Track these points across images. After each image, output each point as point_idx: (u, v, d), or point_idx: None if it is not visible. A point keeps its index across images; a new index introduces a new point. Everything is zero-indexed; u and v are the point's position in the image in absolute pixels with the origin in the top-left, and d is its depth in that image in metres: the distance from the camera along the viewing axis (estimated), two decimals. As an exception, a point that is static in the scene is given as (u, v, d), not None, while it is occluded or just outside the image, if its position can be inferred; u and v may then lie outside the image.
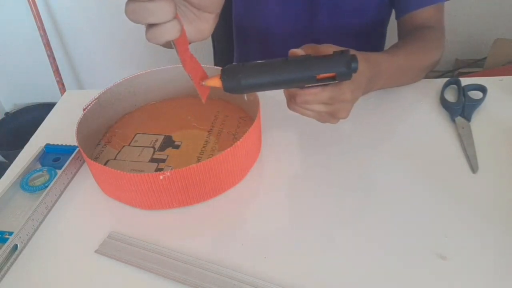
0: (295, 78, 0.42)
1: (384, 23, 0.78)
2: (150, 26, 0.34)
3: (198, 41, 0.52)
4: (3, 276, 0.43)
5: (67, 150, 0.56)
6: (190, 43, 0.43)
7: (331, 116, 0.47)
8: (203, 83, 0.44)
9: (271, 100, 0.64)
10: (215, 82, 0.44)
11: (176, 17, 0.34)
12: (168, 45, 0.40)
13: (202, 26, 0.48)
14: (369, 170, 0.51)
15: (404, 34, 0.68)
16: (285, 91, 0.48)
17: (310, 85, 0.43)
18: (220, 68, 0.55)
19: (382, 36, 0.81)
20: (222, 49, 0.96)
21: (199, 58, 0.48)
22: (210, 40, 0.95)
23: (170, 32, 0.34)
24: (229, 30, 0.85)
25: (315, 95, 0.44)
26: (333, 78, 0.42)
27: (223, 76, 0.43)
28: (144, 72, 0.62)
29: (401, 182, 0.49)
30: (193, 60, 0.43)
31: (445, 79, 0.64)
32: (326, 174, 0.51)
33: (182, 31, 0.37)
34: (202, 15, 0.47)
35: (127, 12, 0.33)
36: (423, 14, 0.65)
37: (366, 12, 0.72)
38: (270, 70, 0.42)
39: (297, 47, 0.47)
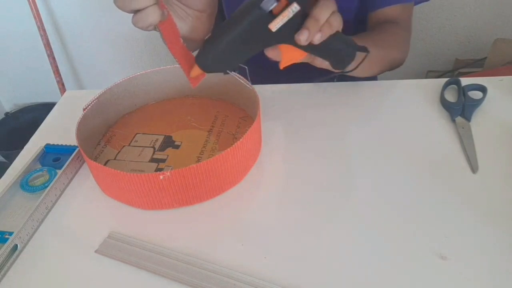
0: (247, 20, 0.41)
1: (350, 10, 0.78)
2: (135, 12, 0.40)
3: (196, 40, 0.53)
4: (3, 276, 0.43)
5: (67, 150, 0.56)
6: (186, 39, 0.46)
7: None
8: (189, 75, 0.46)
9: (272, 101, 0.64)
10: (196, 70, 0.45)
11: (158, 4, 0.40)
12: (147, 29, 0.43)
13: (195, 24, 0.50)
14: (369, 170, 0.51)
15: (372, 28, 0.69)
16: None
17: (273, 25, 0.41)
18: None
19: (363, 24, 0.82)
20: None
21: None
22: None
23: (151, 15, 0.40)
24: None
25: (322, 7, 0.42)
26: (287, 5, 0.40)
27: (196, 61, 0.45)
28: (144, 72, 0.62)
29: (401, 182, 0.49)
30: (184, 50, 0.45)
31: (445, 79, 0.64)
32: (326, 174, 0.51)
33: (164, 17, 0.42)
34: (194, 13, 0.49)
35: (115, 0, 0.39)
36: (391, 12, 0.67)
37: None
38: (225, 26, 0.43)
39: None
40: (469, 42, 1.37)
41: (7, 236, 0.45)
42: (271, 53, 0.46)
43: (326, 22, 0.44)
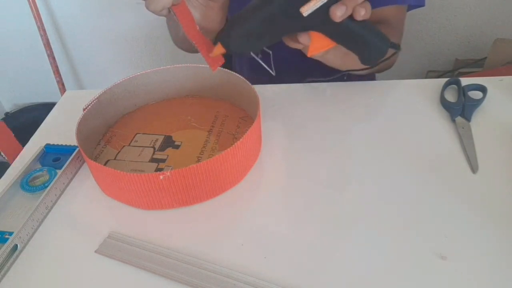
0: (279, 1, 0.40)
1: None
2: None
3: (208, 29, 0.53)
4: (3, 276, 0.43)
5: (67, 150, 0.56)
6: (198, 27, 0.45)
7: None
8: (210, 54, 0.46)
9: (272, 101, 0.64)
10: (219, 49, 0.44)
11: None
12: (170, 16, 0.44)
13: (208, 12, 0.50)
14: (369, 170, 0.51)
15: None
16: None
17: (306, 9, 0.40)
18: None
19: None
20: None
21: (199, 57, 0.48)
22: (210, 40, 0.95)
23: None
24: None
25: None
26: None
27: (220, 38, 0.44)
28: (144, 72, 0.62)
29: (401, 182, 0.49)
30: (200, 35, 0.45)
31: (445, 79, 0.64)
32: (326, 174, 0.51)
33: (178, 0, 0.42)
34: (206, 2, 0.49)
35: None
36: (384, 13, 0.66)
37: None
38: (254, 5, 0.42)
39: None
40: (469, 42, 1.37)
41: (7, 236, 0.45)
42: (302, 38, 0.44)
43: (362, 2, 0.41)
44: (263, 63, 0.49)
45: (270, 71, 0.51)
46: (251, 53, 0.45)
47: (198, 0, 0.49)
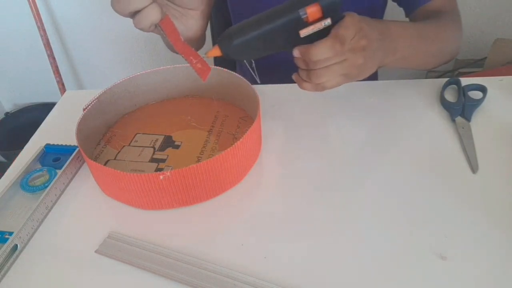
0: (281, 21, 0.44)
1: (377, 10, 0.77)
2: (134, 14, 0.41)
3: (192, 38, 0.54)
4: (3, 276, 0.43)
5: (67, 150, 0.56)
6: (182, 37, 0.47)
7: (352, 66, 0.46)
8: (206, 54, 0.47)
9: (272, 101, 0.64)
10: (215, 52, 0.46)
11: (154, 1, 0.41)
12: (157, 31, 0.45)
13: (188, 22, 0.51)
14: (369, 170, 0.51)
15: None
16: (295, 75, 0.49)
17: (304, 32, 0.44)
18: (219, 67, 0.56)
19: None
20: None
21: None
22: (210, 40, 0.95)
23: (151, 14, 0.41)
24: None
25: (322, 45, 0.43)
26: (322, 18, 0.44)
27: (219, 42, 0.46)
28: (144, 72, 0.62)
29: (401, 182, 0.49)
30: (186, 46, 0.47)
31: (445, 79, 0.64)
32: (326, 174, 0.51)
33: (164, 15, 0.43)
34: (186, 12, 0.49)
35: (112, 3, 0.40)
36: (435, 4, 0.64)
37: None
38: (257, 20, 0.45)
39: None
40: (469, 42, 1.37)
41: (7, 236, 0.45)
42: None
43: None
44: (251, 71, 0.52)
45: (256, 78, 0.54)
46: (244, 61, 0.48)
47: (179, 10, 0.49)
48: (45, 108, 1.33)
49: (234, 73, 0.59)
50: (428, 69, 0.63)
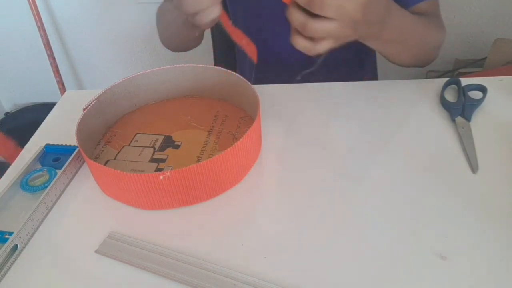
0: None
1: None
2: (195, 14, 0.48)
3: (193, 38, 0.57)
4: (3, 276, 0.43)
5: (67, 150, 0.56)
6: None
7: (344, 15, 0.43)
8: None
9: (272, 101, 0.64)
10: None
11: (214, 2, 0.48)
12: (210, 24, 0.52)
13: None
14: (369, 170, 0.51)
15: None
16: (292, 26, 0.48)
17: None
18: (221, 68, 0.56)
19: None
20: (222, 49, 0.96)
21: (199, 57, 0.49)
22: (210, 40, 0.95)
23: (214, 11, 0.49)
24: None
25: None
26: None
27: None
28: (144, 72, 0.62)
29: (401, 182, 0.49)
30: (238, 31, 0.56)
31: (445, 79, 0.64)
32: (326, 174, 0.51)
33: (221, 11, 0.50)
34: None
35: (183, 5, 0.47)
36: (422, 7, 0.66)
37: None
38: None
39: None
40: (469, 42, 1.37)
41: (7, 236, 0.45)
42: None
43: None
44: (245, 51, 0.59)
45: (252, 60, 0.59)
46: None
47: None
48: (45, 108, 1.33)
49: (234, 73, 0.59)
50: (402, 62, 0.64)
